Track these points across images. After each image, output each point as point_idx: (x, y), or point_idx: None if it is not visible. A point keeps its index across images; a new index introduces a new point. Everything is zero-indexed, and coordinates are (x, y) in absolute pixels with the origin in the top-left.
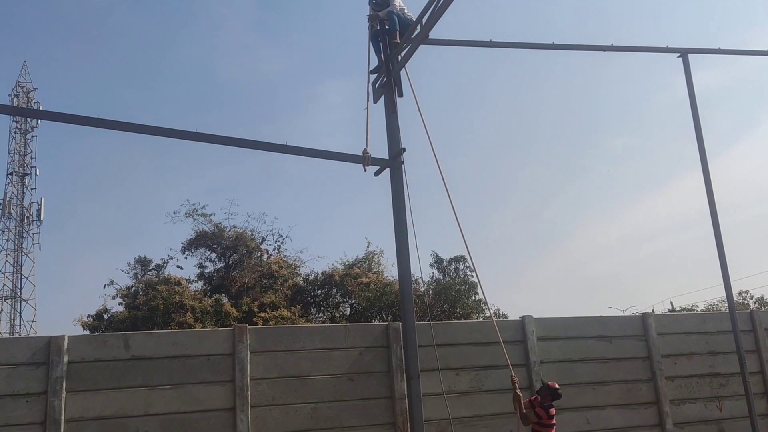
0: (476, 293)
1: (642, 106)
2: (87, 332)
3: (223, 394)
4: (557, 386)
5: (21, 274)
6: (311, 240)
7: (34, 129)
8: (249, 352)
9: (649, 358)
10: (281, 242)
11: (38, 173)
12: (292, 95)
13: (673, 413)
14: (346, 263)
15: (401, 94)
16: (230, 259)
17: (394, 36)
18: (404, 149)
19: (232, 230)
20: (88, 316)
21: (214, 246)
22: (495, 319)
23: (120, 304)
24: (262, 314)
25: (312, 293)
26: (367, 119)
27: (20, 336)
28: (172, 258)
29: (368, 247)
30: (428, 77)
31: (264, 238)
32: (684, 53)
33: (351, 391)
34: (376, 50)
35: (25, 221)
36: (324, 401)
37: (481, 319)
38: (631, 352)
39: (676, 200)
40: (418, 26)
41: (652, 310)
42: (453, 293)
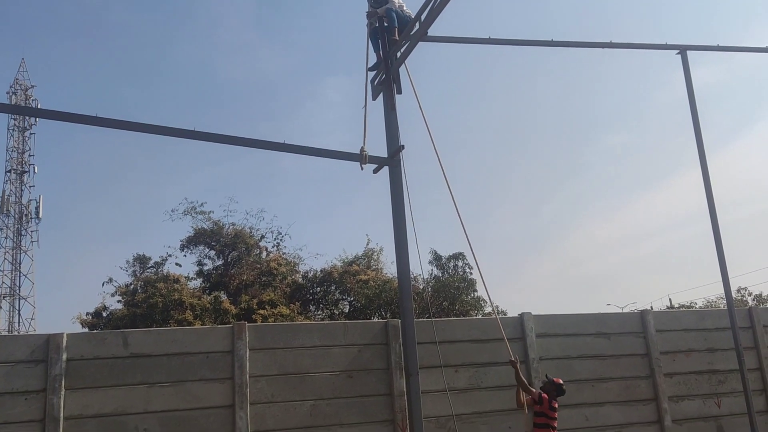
0: (475, 290)
1: (641, 104)
2: (86, 330)
3: (223, 392)
4: (561, 382)
5: (20, 272)
6: (310, 237)
7: (33, 126)
8: (248, 350)
9: (648, 355)
10: (280, 239)
11: (37, 171)
12: (292, 93)
13: (672, 410)
14: (346, 260)
15: (400, 91)
16: (229, 257)
17: (393, 33)
18: (403, 146)
19: (231, 228)
20: (87, 314)
21: (213, 243)
22: (495, 315)
23: (119, 302)
24: (261, 311)
25: (311, 290)
26: (365, 117)
27: (19, 334)
28: (171, 255)
29: (368, 244)
30: (426, 75)
31: (263, 236)
32: (683, 50)
33: (350, 389)
34: (375, 47)
35: (24, 219)
36: (323, 398)
37: (480, 316)
38: (630, 349)
39: (675, 198)
40: (417, 23)
41: (651, 307)
42: (452, 290)
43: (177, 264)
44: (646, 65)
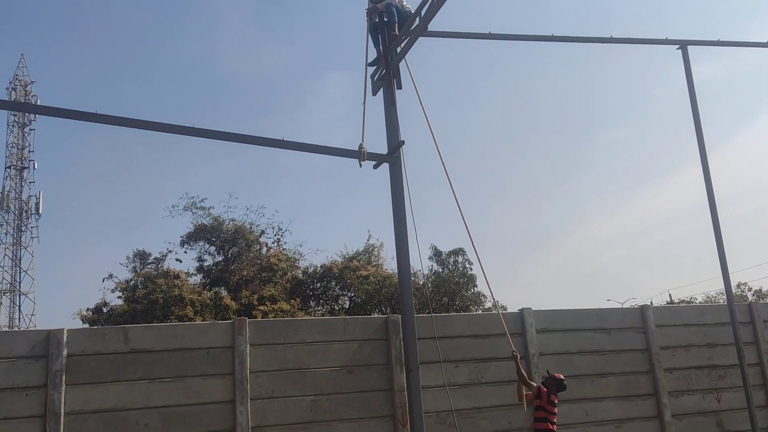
0: (475, 285)
1: (641, 100)
2: (86, 326)
3: (223, 387)
4: (563, 377)
5: (20, 268)
6: (311, 233)
7: (32, 122)
8: (248, 345)
9: (648, 350)
10: (280, 235)
11: (36, 167)
12: (292, 89)
13: (672, 405)
14: (346, 256)
15: (400, 87)
16: (229, 253)
17: (393, 28)
18: (403, 142)
19: (231, 223)
20: (87, 310)
21: (213, 239)
22: (495, 311)
23: (119, 298)
24: (262, 307)
25: (311, 286)
26: (364, 113)
27: (19, 329)
28: (171, 251)
29: (369, 240)
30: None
31: (263, 231)
32: (684, 45)
33: (350, 384)
34: (375, 43)
35: (24, 215)
36: (323, 394)
37: (480, 312)
38: (630, 344)
39: (675, 193)
40: (417, 18)
41: (651, 303)
42: (452, 286)
43: (177, 260)
44: (647, 61)
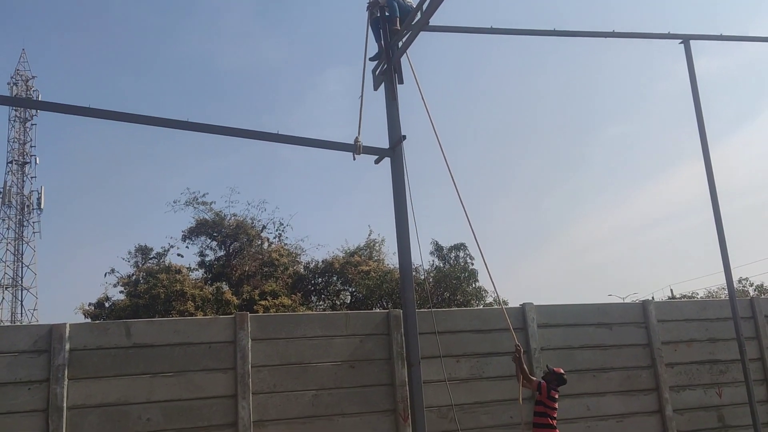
0: (476, 280)
1: (643, 95)
2: (88, 320)
3: (225, 382)
4: (563, 371)
5: (22, 263)
6: (312, 228)
7: (34, 117)
8: (250, 340)
9: (649, 345)
10: (282, 230)
11: (38, 162)
12: (294, 84)
13: (673, 400)
14: (347, 251)
15: (401, 81)
16: (231, 248)
17: (394, 23)
18: (404, 137)
19: (233, 218)
20: (90, 305)
21: (215, 234)
22: (497, 306)
23: (121, 293)
24: (263, 302)
25: (312, 281)
26: (361, 107)
27: (22, 324)
28: (173, 246)
29: (370, 235)
30: (428, 65)
31: (264, 227)
32: (686, 40)
33: (352, 379)
34: (376, 37)
35: (26, 210)
36: (325, 388)
37: (482, 307)
38: (631, 339)
39: (677, 188)
40: (419, 13)
41: (652, 298)
42: (453, 281)
43: (179, 255)
44: (649, 56)
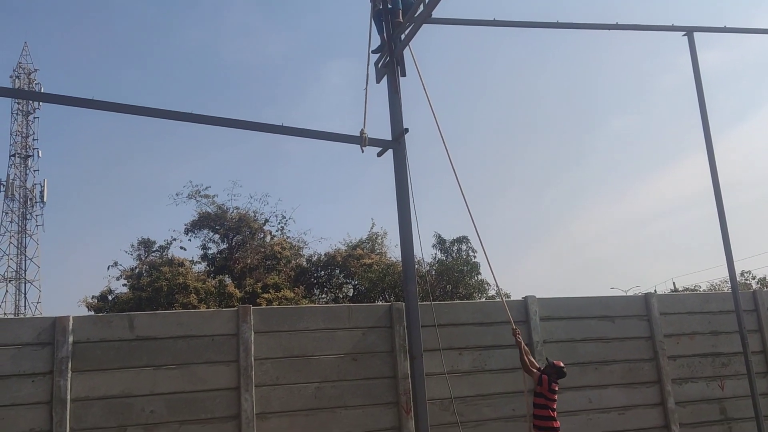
0: (479, 273)
1: (646, 88)
2: (91, 313)
3: (228, 374)
4: (562, 364)
5: (25, 256)
6: (314, 221)
7: (36, 110)
8: (253, 332)
9: (652, 338)
10: (284, 223)
11: (41, 155)
12: (296, 77)
13: (675, 392)
14: (350, 244)
15: (404, 74)
16: (233, 241)
17: (397, 15)
18: (407, 130)
19: (235, 211)
20: (93, 297)
21: (217, 227)
22: (499, 299)
23: (124, 286)
24: (266, 295)
25: (315, 274)
26: (366, 99)
27: (25, 317)
28: (176, 239)
29: (372, 228)
30: (431, 58)
31: (267, 220)
32: (689, 32)
33: (354, 371)
34: (379, 29)
35: (29, 203)
36: (328, 381)
37: (484, 300)
38: (634, 332)
39: (680, 181)
40: (422, 5)
41: (655, 291)
42: (455, 274)
43: (181, 248)
44: (652, 49)
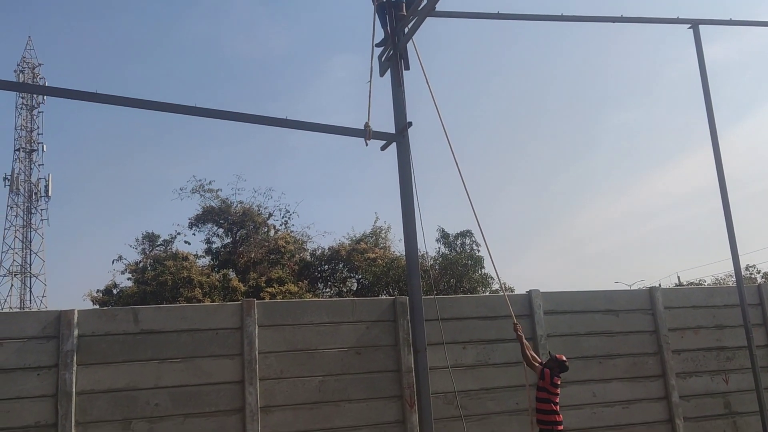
0: (482, 267)
1: (652, 81)
2: (96, 307)
3: (232, 368)
4: (564, 358)
5: (30, 250)
6: (318, 216)
7: (41, 105)
8: (257, 326)
9: (656, 332)
10: (288, 218)
11: (45, 149)
12: (300, 71)
13: (680, 386)
14: (353, 239)
15: (408, 67)
16: (237, 235)
17: (401, 8)
18: (410, 123)
19: (239, 206)
20: (98, 291)
21: (221, 221)
22: (502, 292)
23: (129, 279)
24: (270, 289)
25: (319, 268)
26: (370, 92)
27: (31, 310)
28: (180, 233)
29: (376, 222)
30: (435, 51)
31: (271, 214)
32: (695, 24)
33: (358, 365)
34: (383, 23)
35: (33, 197)
36: (332, 374)
37: (488, 294)
38: (638, 326)
39: (685, 175)
40: None
41: (659, 285)
42: (459, 268)
43: (186, 242)
44: (657, 42)
